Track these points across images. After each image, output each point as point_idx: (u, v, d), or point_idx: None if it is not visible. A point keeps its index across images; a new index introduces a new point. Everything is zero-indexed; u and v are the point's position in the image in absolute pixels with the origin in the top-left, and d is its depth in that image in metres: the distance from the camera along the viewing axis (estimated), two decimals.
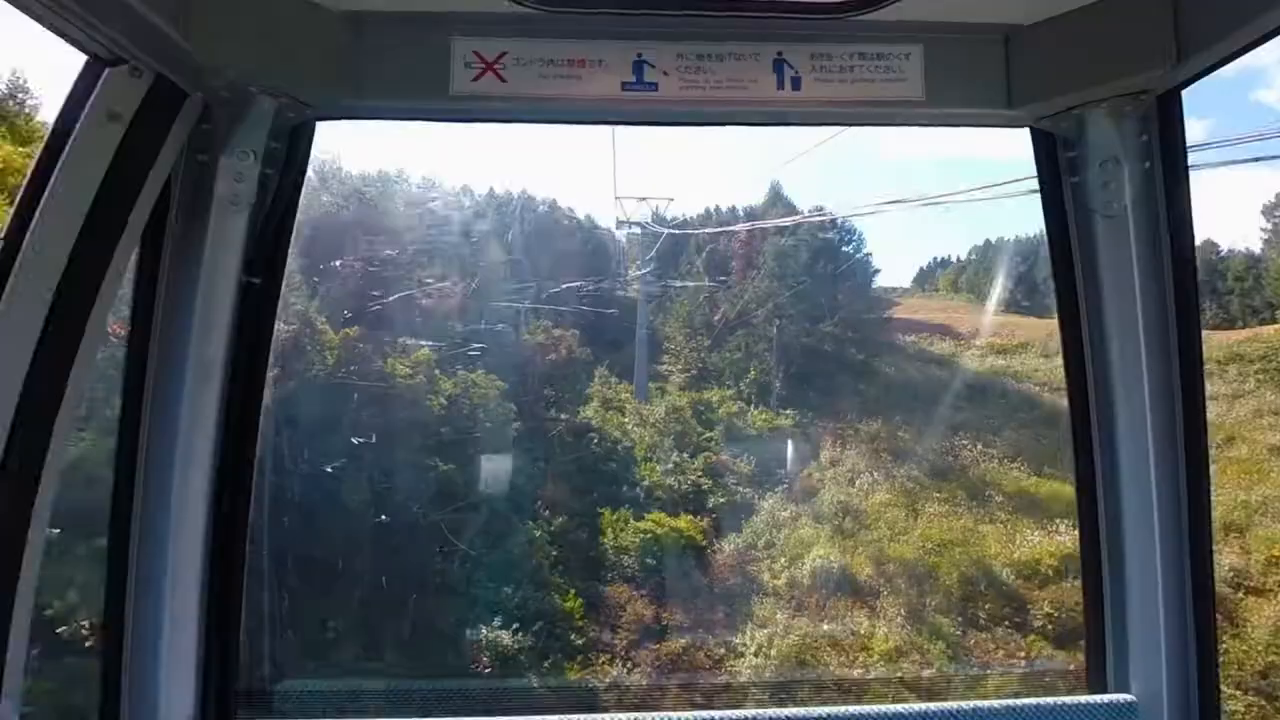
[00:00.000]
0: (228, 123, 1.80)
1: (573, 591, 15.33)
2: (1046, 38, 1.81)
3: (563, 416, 22.82)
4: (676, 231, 31.06)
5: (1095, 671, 2.00)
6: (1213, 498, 1.89)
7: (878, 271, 32.28)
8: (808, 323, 27.45)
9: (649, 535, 16.82)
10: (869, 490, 20.70)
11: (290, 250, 2.06)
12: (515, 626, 13.63)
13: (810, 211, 30.02)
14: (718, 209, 37.96)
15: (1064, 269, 1.99)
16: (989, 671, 13.86)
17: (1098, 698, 1.90)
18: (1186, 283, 1.81)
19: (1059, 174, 1.95)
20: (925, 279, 44.82)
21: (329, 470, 14.30)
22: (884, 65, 1.85)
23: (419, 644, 13.71)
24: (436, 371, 16.75)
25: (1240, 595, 13.54)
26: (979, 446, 22.40)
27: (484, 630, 13.54)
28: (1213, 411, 24.62)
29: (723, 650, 14.39)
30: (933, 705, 1.93)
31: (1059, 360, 2.17)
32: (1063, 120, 1.87)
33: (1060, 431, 16.05)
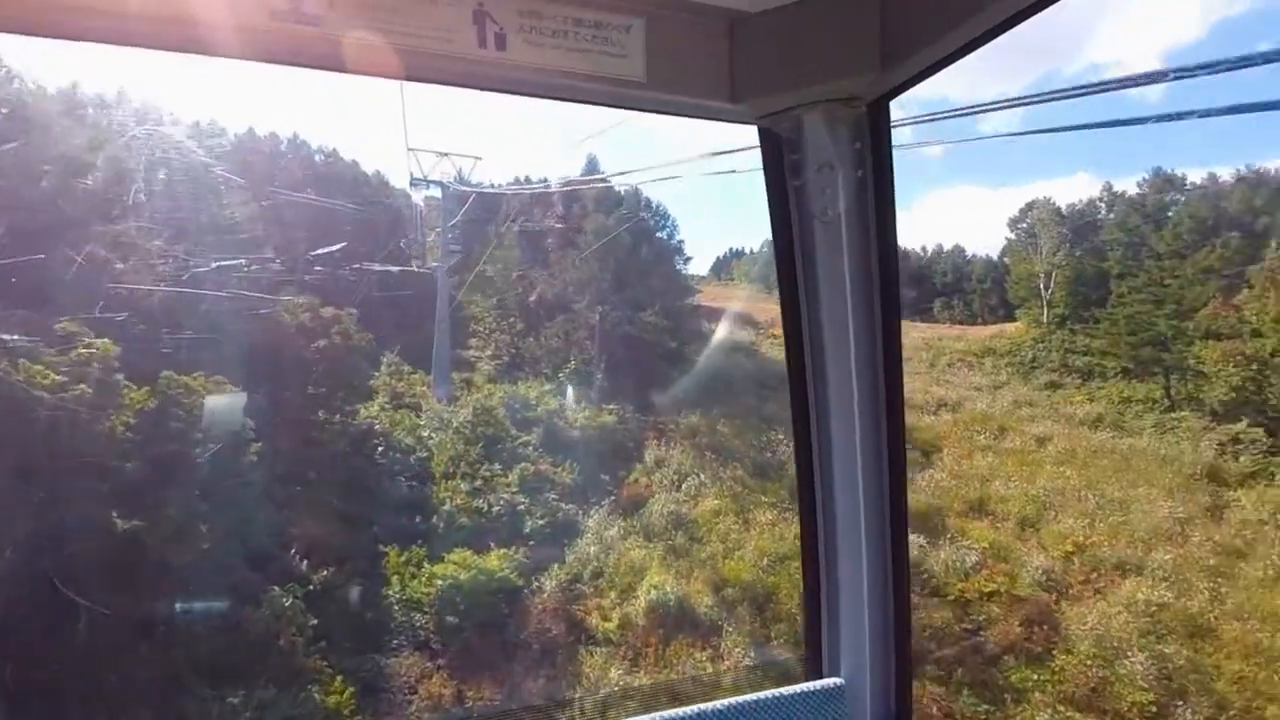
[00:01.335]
0: None
1: (340, 677, 11.19)
2: (766, 31, 1.69)
3: (335, 421, 17.88)
4: (489, 190, 26.86)
5: (812, 660, 2.03)
6: (908, 495, 1.91)
7: (689, 259, 31.81)
8: (629, 309, 25.35)
9: (450, 582, 13.12)
10: (697, 495, 19.20)
11: None
12: None
13: (623, 186, 27.90)
14: (528, 178, 34.43)
15: (787, 268, 1.93)
16: (725, 670, 12.94)
17: (811, 684, 1.91)
18: (891, 288, 1.83)
19: (784, 175, 1.87)
20: (721, 268, 46.73)
21: None
22: (602, 36, 1.62)
23: None
24: (119, 375, 11.18)
25: (1055, 599, 13.94)
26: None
27: None
28: (981, 403, 27.33)
29: None
30: (660, 714, 1.75)
31: None
32: (784, 121, 1.79)
33: None
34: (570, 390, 22.98)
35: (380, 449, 18.37)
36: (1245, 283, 23.65)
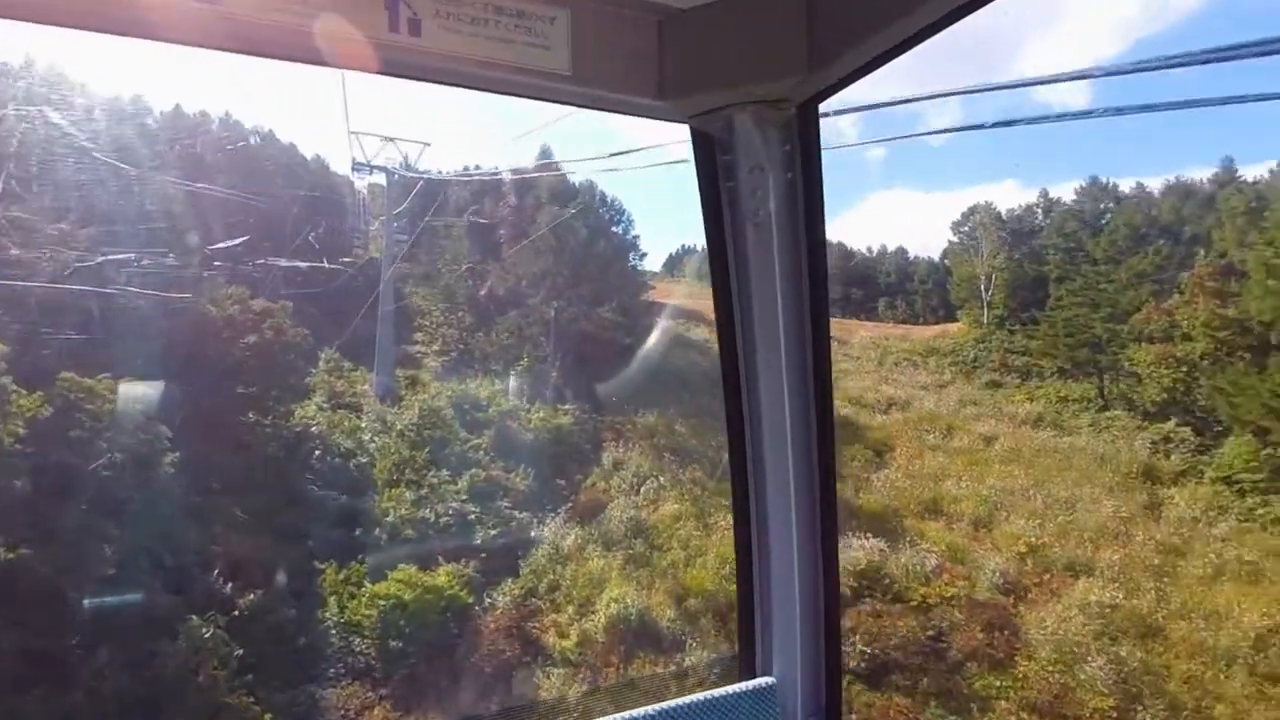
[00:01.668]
0: None
1: (269, 714, 10.09)
2: (696, 28, 1.67)
3: (267, 423, 16.45)
4: (437, 177, 25.47)
5: (745, 660, 2.07)
6: (837, 498, 1.96)
7: (645, 255, 31.34)
8: (585, 305, 24.57)
9: (394, 603, 12.12)
10: (656, 499, 18.70)
11: None
12: None
13: (578, 179, 27.06)
14: (478, 166, 33.11)
15: (720, 270, 1.93)
16: (661, 672, 12.70)
17: (743, 684, 1.94)
18: (820, 289, 1.86)
19: (716, 176, 1.85)
20: (674, 265, 46.42)
21: None
22: (525, 26, 1.56)
23: None
24: (8, 379, 9.70)
25: (1013, 602, 14.04)
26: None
27: None
28: (929, 402, 27.83)
29: None
30: None
31: None
32: (715, 121, 1.77)
33: None
34: (513, 383, 22.09)
35: (317, 453, 17.05)
36: (1176, 288, 24.76)
